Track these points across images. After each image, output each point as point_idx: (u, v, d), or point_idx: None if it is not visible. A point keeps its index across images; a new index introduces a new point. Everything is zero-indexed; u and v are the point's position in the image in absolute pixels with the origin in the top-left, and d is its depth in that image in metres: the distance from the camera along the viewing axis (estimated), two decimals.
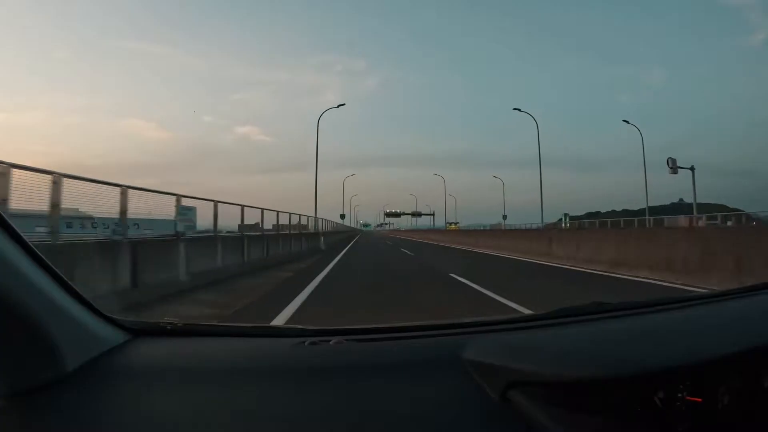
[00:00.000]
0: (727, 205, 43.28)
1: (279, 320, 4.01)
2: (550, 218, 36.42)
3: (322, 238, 19.46)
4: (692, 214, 25.72)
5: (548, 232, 14.81)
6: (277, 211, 13.17)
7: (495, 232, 22.81)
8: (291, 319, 4.05)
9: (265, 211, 11.69)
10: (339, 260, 11.89)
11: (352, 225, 73.96)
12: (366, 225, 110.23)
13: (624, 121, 28.61)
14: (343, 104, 23.74)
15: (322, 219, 23.27)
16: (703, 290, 3.59)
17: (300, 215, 17.56)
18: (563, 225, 41.06)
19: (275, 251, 11.66)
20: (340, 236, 30.97)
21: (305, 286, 6.28)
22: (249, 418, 0.61)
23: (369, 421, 0.60)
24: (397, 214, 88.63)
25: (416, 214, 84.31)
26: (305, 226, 18.29)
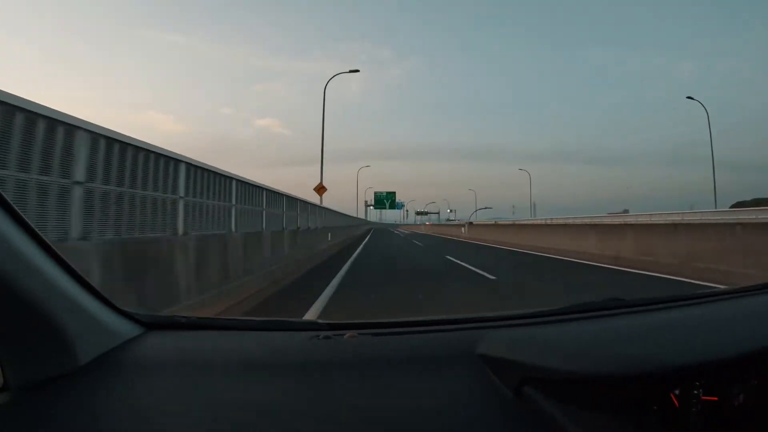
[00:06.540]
0: None
1: None
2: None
3: None
4: None
5: None
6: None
7: None
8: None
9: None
10: None
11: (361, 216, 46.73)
12: (381, 201, 59.80)
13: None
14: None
15: None
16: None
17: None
18: None
19: None
20: None
21: None
22: (262, 411, 0.61)
23: (382, 416, 0.60)
24: None
25: None
26: None
